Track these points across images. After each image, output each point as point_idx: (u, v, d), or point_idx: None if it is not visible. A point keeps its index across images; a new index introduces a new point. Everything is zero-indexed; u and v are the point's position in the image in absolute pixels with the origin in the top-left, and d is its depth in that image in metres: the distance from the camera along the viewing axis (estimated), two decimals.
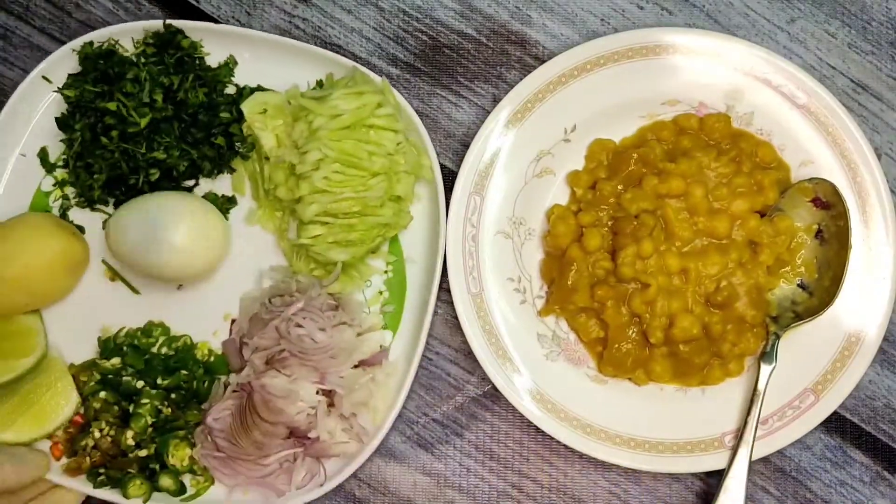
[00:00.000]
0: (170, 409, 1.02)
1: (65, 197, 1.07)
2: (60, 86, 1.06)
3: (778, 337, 1.02)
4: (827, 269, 1.03)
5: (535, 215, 1.06)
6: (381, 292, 1.06)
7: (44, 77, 1.05)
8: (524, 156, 1.06)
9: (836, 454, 1.07)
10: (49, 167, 1.07)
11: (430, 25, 1.11)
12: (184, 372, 1.03)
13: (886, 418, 1.07)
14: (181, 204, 1.01)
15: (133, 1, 1.11)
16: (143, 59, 1.04)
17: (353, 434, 1.01)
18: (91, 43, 1.05)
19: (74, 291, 1.06)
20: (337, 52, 1.10)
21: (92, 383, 1.02)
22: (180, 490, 1.01)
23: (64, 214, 1.07)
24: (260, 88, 1.07)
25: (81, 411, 1.03)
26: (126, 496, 1.00)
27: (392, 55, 1.11)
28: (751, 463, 1.00)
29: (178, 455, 1.01)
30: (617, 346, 1.02)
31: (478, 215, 1.04)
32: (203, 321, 1.06)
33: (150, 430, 1.01)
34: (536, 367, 1.03)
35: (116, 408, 1.02)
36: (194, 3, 1.11)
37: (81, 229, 1.06)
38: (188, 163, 1.04)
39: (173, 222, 0.98)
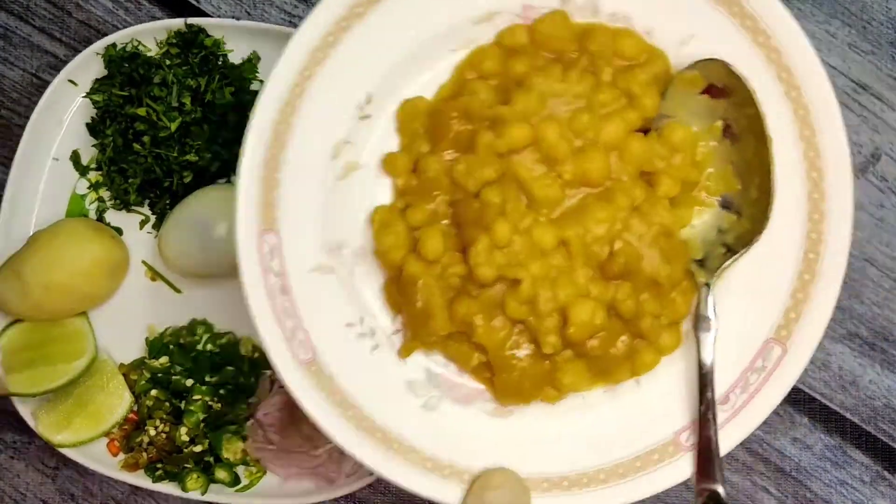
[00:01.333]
0: (219, 405, 1.03)
1: (100, 199, 1.07)
2: (88, 90, 1.06)
3: (708, 287, 0.76)
4: (750, 176, 0.76)
5: (355, 229, 0.79)
6: None
7: (70, 80, 1.05)
8: (313, 154, 0.77)
9: (836, 454, 1.07)
10: (82, 170, 1.07)
11: None
12: (229, 368, 1.04)
13: (887, 418, 1.07)
14: (224, 197, 1.01)
15: (133, 1, 1.11)
16: (167, 61, 1.03)
17: None
18: (114, 45, 1.04)
19: (117, 293, 1.06)
20: None
21: (142, 382, 1.04)
22: (235, 481, 1.03)
23: (101, 217, 1.07)
24: None
25: (135, 409, 1.04)
26: (185, 489, 1.02)
27: None
28: (720, 460, 0.76)
29: (231, 448, 1.03)
30: (505, 370, 0.75)
31: (279, 259, 0.77)
32: (245, 317, 1.05)
33: (201, 425, 1.03)
34: (417, 423, 0.77)
35: (168, 405, 1.04)
36: (194, 2, 1.11)
37: (119, 231, 1.07)
38: (220, 163, 1.05)
39: (220, 216, 0.99)
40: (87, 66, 1.05)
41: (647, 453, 0.75)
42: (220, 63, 1.06)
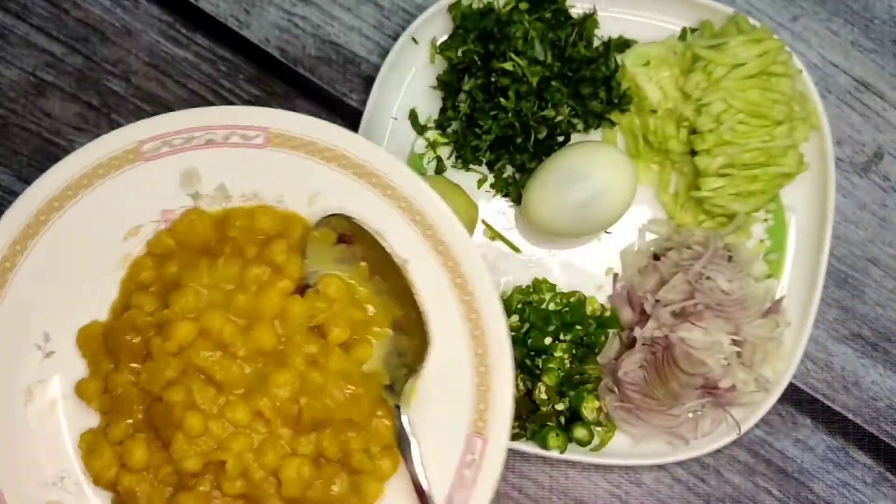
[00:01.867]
0: (569, 364, 1.03)
1: (438, 159, 1.07)
2: (420, 45, 1.05)
3: (400, 408, 0.82)
4: (404, 300, 0.84)
5: (71, 458, 0.83)
6: (762, 241, 1.06)
7: (413, 39, 1.05)
8: (6, 402, 0.80)
9: (839, 455, 1.07)
10: (420, 129, 1.07)
11: None
12: (578, 327, 1.04)
13: (889, 419, 1.07)
14: (593, 152, 1.00)
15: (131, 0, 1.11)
16: (518, 16, 1.02)
17: (759, 383, 1.01)
18: (459, 2, 1.04)
19: None
20: (338, 48, 1.09)
21: None
22: (591, 440, 1.03)
23: (438, 175, 1.07)
24: (622, 39, 1.06)
25: None
26: (545, 447, 1.01)
27: None
28: None
29: (590, 407, 1.02)
30: None
31: None
32: (585, 276, 1.06)
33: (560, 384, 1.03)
34: None
35: (528, 363, 1.02)
36: (192, 1, 1.11)
37: None
38: (578, 120, 1.04)
39: (590, 172, 0.98)
40: (427, 24, 1.05)
41: None
42: (564, 19, 1.04)
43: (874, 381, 1.07)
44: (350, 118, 1.10)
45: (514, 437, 1.02)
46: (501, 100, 1.01)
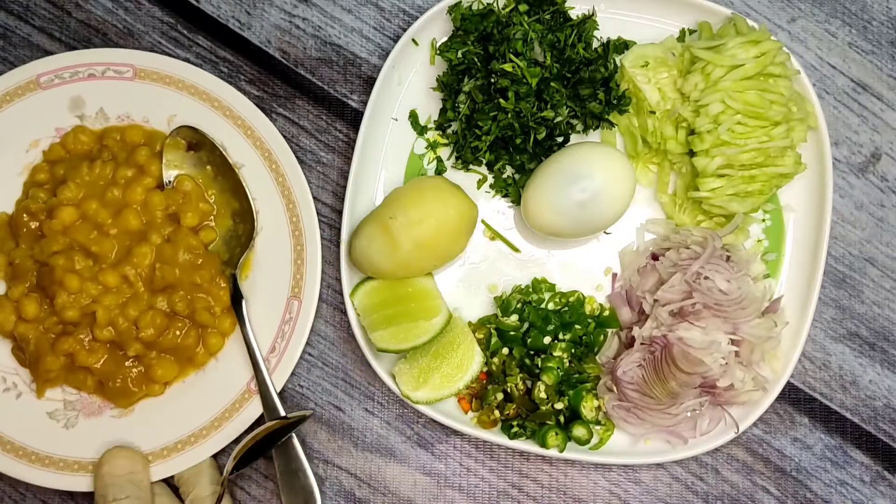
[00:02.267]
0: (569, 364, 1.04)
1: (438, 159, 1.08)
2: (420, 47, 1.07)
3: (235, 276, 1.05)
4: (239, 194, 1.07)
5: None
6: (759, 241, 1.07)
7: (413, 40, 1.06)
8: None
9: (837, 454, 1.07)
10: (420, 130, 1.08)
11: None
12: (578, 327, 1.05)
13: (887, 418, 1.07)
14: (591, 153, 1.01)
15: (133, 0, 1.11)
16: (517, 17, 1.03)
17: (757, 382, 1.02)
18: (459, 3, 1.05)
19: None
20: (339, 49, 1.10)
21: (495, 339, 1.04)
22: (589, 439, 1.03)
23: (438, 175, 1.07)
24: (621, 41, 1.06)
25: (484, 368, 1.04)
26: (544, 446, 1.02)
27: None
28: (275, 391, 1.03)
29: (589, 406, 1.03)
30: (111, 380, 1.03)
31: None
32: (584, 276, 1.07)
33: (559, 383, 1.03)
34: (58, 443, 1.03)
35: (528, 361, 1.03)
36: (194, 2, 1.11)
37: None
38: (577, 121, 1.05)
39: (591, 172, 0.99)
40: (428, 26, 1.06)
41: (230, 406, 1.04)
42: (563, 20, 1.05)
43: (872, 381, 1.08)
44: (351, 118, 1.10)
45: (514, 436, 1.03)
46: (501, 101, 1.02)
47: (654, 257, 1.05)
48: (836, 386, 1.08)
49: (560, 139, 1.06)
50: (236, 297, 1.05)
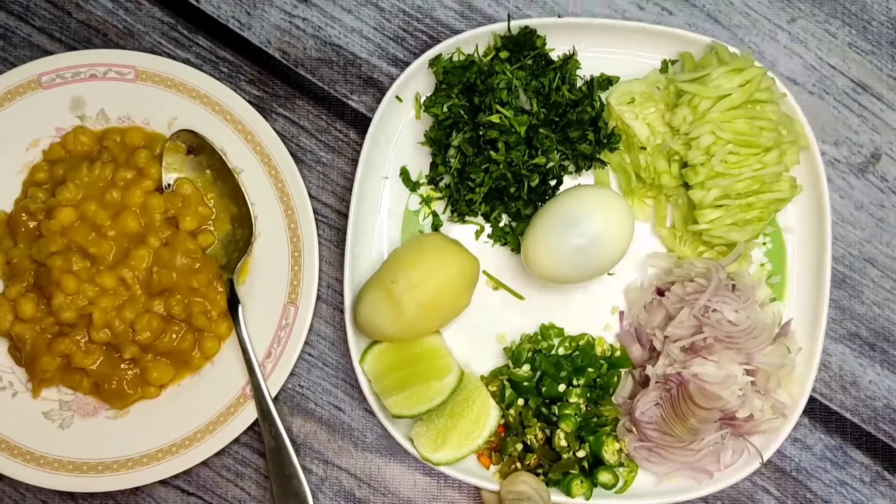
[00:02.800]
0: (585, 408, 1.03)
1: (434, 214, 1.07)
2: (404, 103, 1.06)
3: (232, 281, 1.06)
4: (238, 199, 1.07)
5: None
6: (762, 265, 1.07)
7: (397, 97, 1.05)
8: None
9: (837, 454, 1.07)
10: (412, 186, 1.07)
11: (431, 25, 1.11)
12: (590, 370, 1.04)
13: (886, 418, 1.07)
14: (587, 196, 1.00)
15: (133, 1, 1.11)
16: (498, 65, 1.02)
17: (776, 409, 1.01)
18: (440, 56, 1.04)
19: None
20: (339, 49, 1.10)
21: (509, 391, 1.03)
22: (615, 483, 1.02)
23: (436, 231, 1.07)
24: (604, 77, 1.06)
25: (501, 421, 1.03)
26: (570, 494, 1.01)
27: (392, 55, 1.11)
28: (278, 396, 1.04)
29: (611, 450, 1.02)
30: (106, 382, 1.03)
31: None
32: (591, 317, 1.07)
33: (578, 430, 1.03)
34: (53, 443, 1.04)
35: (545, 411, 1.02)
36: (194, 2, 1.11)
37: None
38: (569, 162, 1.04)
39: (590, 214, 0.98)
40: (411, 80, 1.05)
41: (226, 410, 1.04)
42: (544, 62, 1.04)
43: (871, 381, 1.08)
44: (351, 118, 1.10)
45: None
46: (492, 153, 1.01)
47: (660, 292, 1.04)
48: (836, 386, 1.08)
49: (553, 182, 1.05)
50: (233, 302, 1.05)
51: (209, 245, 1.07)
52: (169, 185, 1.07)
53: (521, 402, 1.03)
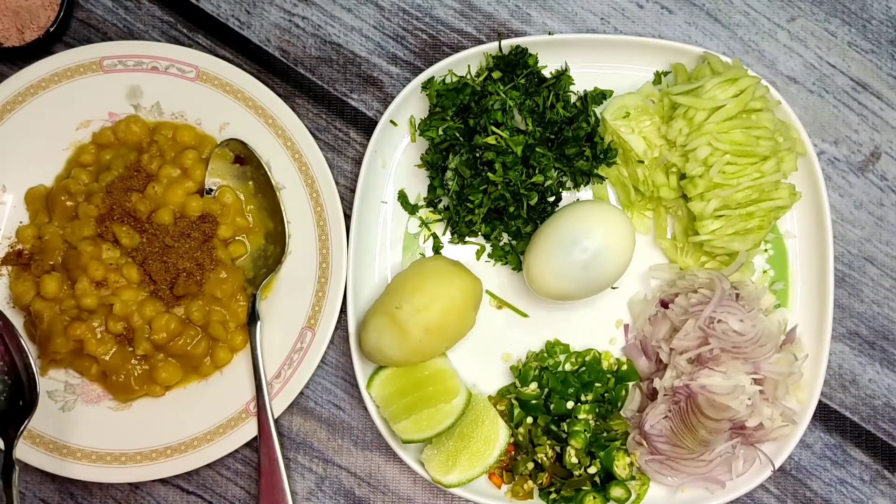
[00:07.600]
0: (594, 423, 1.02)
1: (434, 236, 1.07)
2: (400, 126, 1.06)
3: (255, 296, 1.05)
4: (275, 216, 1.07)
5: None
6: (765, 271, 1.07)
7: (391, 121, 1.05)
8: None
9: (836, 453, 1.07)
10: (411, 209, 1.07)
11: (430, 24, 1.11)
12: (598, 385, 1.03)
13: (886, 417, 1.07)
14: (587, 212, 1.00)
15: (133, 0, 1.11)
16: (491, 85, 1.02)
17: (786, 416, 1.01)
18: (432, 79, 1.04)
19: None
20: (339, 48, 1.10)
21: (517, 410, 1.03)
22: (627, 498, 1.02)
23: (436, 253, 1.07)
24: (598, 91, 1.06)
25: (511, 440, 1.03)
26: None
27: (392, 54, 1.11)
28: (278, 419, 1.04)
29: (622, 464, 1.01)
30: (115, 373, 1.03)
31: None
32: (596, 331, 1.06)
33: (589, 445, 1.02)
34: (52, 425, 1.04)
35: (555, 428, 1.02)
36: (194, 1, 1.11)
37: None
38: (567, 179, 1.04)
39: (588, 230, 0.98)
40: (404, 106, 1.05)
41: (226, 422, 1.04)
42: (536, 80, 1.04)
43: (871, 380, 1.08)
44: (350, 117, 1.10)
45: None
46: (489, 174, 1.01)
47: (664, 304, 1.04)
48: (835, 385, 1.08)
49: (552, 199, 1.05)
50: (253, 317, 1.05)
51: (240, 256, 1.07)
52: (211, 190, 1.07)
53: (529, 420, 1.03)
